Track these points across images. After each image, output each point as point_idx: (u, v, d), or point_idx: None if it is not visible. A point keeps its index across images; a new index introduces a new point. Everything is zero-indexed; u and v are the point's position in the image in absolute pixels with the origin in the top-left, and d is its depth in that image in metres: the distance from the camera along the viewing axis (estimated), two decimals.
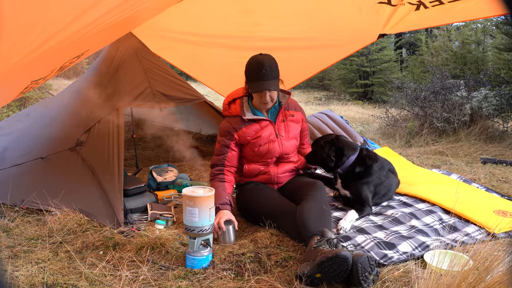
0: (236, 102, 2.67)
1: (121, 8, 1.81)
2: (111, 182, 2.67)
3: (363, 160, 2.77)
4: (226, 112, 2.71)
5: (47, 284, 1.88)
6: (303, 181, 2.67)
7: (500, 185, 3.43)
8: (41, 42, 1.56)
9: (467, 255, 1.91)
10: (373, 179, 2.77)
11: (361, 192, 2.72)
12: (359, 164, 2.76)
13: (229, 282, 1.91)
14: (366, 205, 2.70)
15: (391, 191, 2.95)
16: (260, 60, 2.49)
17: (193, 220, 2.05)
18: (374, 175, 2.78)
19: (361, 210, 2.65)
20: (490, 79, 6.08)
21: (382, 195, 2.85)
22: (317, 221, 2.16)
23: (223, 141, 2.64)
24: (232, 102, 2.69)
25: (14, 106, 6.21)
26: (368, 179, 2.76)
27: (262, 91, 2.49)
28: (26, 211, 2.68)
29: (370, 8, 3.08)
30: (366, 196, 2.72)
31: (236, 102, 2.67)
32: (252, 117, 2.61)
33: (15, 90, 2.10)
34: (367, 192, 2.73)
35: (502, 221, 2.44)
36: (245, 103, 2.65)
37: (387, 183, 2.85)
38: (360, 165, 2.76)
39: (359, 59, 9.92)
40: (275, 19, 3.49)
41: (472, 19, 7.04)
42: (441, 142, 4.98)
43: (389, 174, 2.90)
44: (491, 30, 7.68)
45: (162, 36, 3.81)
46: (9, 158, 3.20)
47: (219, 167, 2.64)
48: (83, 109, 3.28)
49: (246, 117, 2.60)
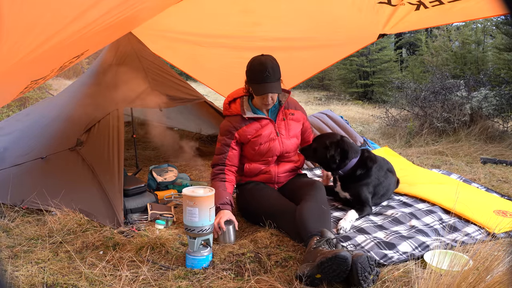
0: (236, 101, 2.68)
1: (121, 8, 1.81)
2: (111, 182, 2.67)
3: (364, 163, 2.76)
4: (226, 112, 2.72)
5: (47, 284, 1.88)
6: (302, 181, 2.67)
7: (500, 185, 3.43)
8: (41, 42, 1.56)
9: (467, 255, 1.91)
10: (372, 180, 2.76)
11: (361, 193, 2.72)
12: (361, 166, 2.75)
13: (229, 282, 1.91)
14: (366, 205, 2.69)
15: (390, 191, 2.95)
16: (263, 61, 2.48)
17: (193, 220, 2.05)
18: (373, 176, 2.77)
19: (361, 210, 2.64)
20: (490, 79, 6.08)
21: (381, 195, 2.85)
22: (317, 221, 2.16)
23: (223, 140, 2.64)
24: (232, 102, 2.70)
25: (14, 106, 6.21)
26: (367, 181, 2.75)
27: (265, 94, 2.50)
28: (26, 211, 2.68)
29: (370, 8, 3.08)
30: (366, 197, 2.71)
31: (237, 101, 2.68)
32: (252, 116, 2.62)
33: (15, 90, 2.10)
34: (366, 193, 2.73)
35: (502, 221, 2.44)
36: (245, 102, 2.66)
37: (386, 183, 2.85)
38: (361, 168, 2.75)
39: (359, 59, 9.91)
40: (275, 19, 3.49)
41: (472, 19, 7.04)
42: (441, 142, 4.98)
43: (387, 174, 2.90)
44: (491, 30, 7.68)
45: (162, 36, 3.81)
46: (9, 158, 3.20)
47: (220, 166, 2.64)
48: (83, 109, 3.27)
49: (246, 115, 2.60)
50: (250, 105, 2.67)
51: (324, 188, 2.59)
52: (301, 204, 2.32)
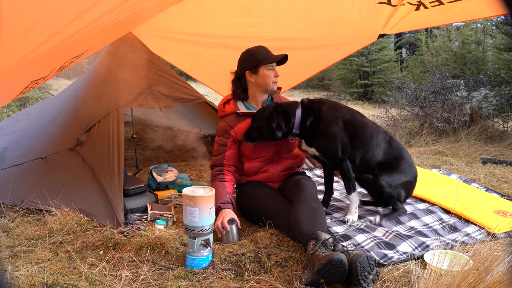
0: (230, 102, 2.77)
1: (121, 8, 1.81)
2: (111, 182, 2.67)
3: (308, 110, 2.52)
4: (221, 113, 2.79)
5: (47, 284, 1.88)
6: (291, 181, 2.68)
7: (500, 185, 3.43)
8: (41, 42, 1.56)
9: (467, 255, 1.91)
10: (330, 123, 2.47)
11: (327, 147, 2.48)
12: (307, 115, 2.51)
13: (229, 282, 1.91)
14: (340, 163, 2.48)
15: (359, 131, 2.52)
16: (258, 46, 2.66)
17: (193, 220, 2.05)
18: (326, 119, 2.47)
19: (344, 177, 2.51)
20: (490, 79, 6.08)
21: (359, 143, 2.49)
22: (309, 223, 2.15)
23: (220, 140, 2.69)
24: (226, 103, 2.79)
25: (14, 106, 6.22)
26: (323, 127, 2.47)
27: (273, 63, 2.59)
28: (26, 211, 2.68)
29: (370, 8, 3.08)
30: (335, 149, 2.47)
31: (230, 102, 2.77)
32: (246, 111, 2.69)
33: (15, 90, 2.10)
34: (331, 144, 2.47)
35: (502, 221, 2.44)
36: (239, 102, 2.74)
37: (353, 123, 2.50)
38: (308, 116, 2.50)
39: (359, 59, 9.92)
40: (275, 19, 3.48)
41: (472, 19, 7.04)
42: (441, 142, 4.98)
43: (355, 115, 2.56)
44: (491, 30, 7.69)
45: (162, 36, 3.80)
46: (9, 158, 3.20)
47: (219, 167, 2.65)
48: (83, 109, 3.28)
49: (240, 110, 2.68)
50: (243, 103, 2.74)
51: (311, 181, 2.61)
52: (292, 207, 2.33)
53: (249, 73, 2.64)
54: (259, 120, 2.54)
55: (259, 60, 2.60)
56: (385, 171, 2.56)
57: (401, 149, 2.67)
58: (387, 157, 2.59)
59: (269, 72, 2.61)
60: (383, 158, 2.58)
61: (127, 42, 3.52)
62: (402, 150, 2.67)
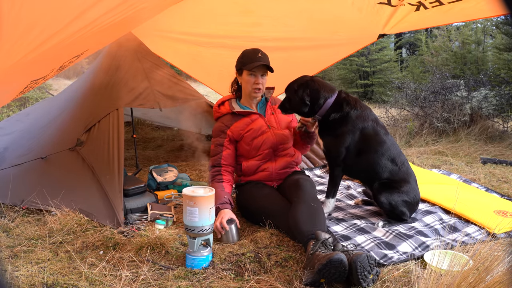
0: (225, 103, 2.81)
1: (121, 8, 1.81)
2: (111, 182, 2.67)
3: (340, 105, 2.44)
4: (217, 114, 2.82)
5: (47, 284, 1.88)
6: (290, 181, 2.67)
7: (500, 185, 3.43)
8: (41, 41, 1.56)
9: (467, 255, 1.91)
10: (348, 130, 2.42)
11: (333, 146, 2.44)
12: (336, 109, 2.43)
13: (229, 282, 1.91)
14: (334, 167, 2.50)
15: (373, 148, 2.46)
16: (254, 48, 2.67)
17: (193, 220, 2.05)
18: (350, 124, 2.41)
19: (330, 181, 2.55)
20: (490, 79, 6.08)
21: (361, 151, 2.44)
22: (308, 223, 2.15)
23: (217, 140, 2.71)
24: (221, 104, 2.83)
25: (14, 106, 6.22)
26: (342, 130, 2.41)
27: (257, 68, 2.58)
28: (26, 211, 2.68)
29: (370, 8, 3.09)
30: (337, 152, 2.42)
31: (225, 103, 2.81)
32: (241, 110, 2.72)
33: (15, 90, 2.10)
34: (337, 146, 2.42)
35: (502, 221, 2.44)
36: (234, 102, 2.80)
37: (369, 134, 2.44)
38: (336, 111, 2.42)
39: (359, 59, 9.92)
40: (275, 19, 3.48)
41: (472, 20, 7.03)
42: (441, 142, 4.98)
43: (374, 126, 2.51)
44: (491, 30, 7.69)
45: (162, 36, 3.80)
46: (9, 158, 3.20)
47: (216, 167, 2.66)
48: (83, 109, 3.28)
49: (235, 109, 2.72)
50: (238, 103, 2.79)
51: (310, 180, 2.61)
52: (291, 208, 2.33)
53: (237, 73, 2.74)
54: (289, 91, 2.55)
55: (243, 63, 2.65)
56: (385, 189, 2.50)
57: (408, 175, 2.56)
58: (391, 177, 2.53)
59: (249, 77, 2.65)
60: (387, 177, 2.53)
61: (127, 42, 3.52)
62: (410, 176, 2.57)
